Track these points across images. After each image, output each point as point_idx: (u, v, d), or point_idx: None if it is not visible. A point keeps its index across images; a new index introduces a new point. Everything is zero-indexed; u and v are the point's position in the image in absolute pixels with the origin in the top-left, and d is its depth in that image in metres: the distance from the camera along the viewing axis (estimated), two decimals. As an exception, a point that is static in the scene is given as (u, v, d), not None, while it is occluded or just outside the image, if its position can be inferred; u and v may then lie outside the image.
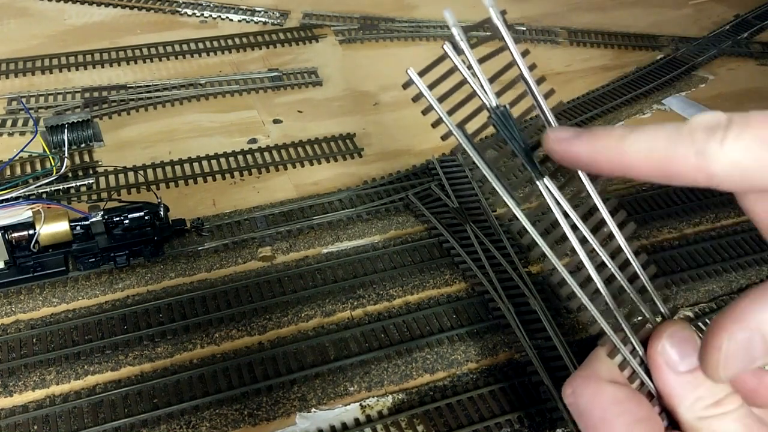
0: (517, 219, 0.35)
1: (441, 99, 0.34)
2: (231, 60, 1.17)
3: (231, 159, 0.94)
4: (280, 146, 0.97)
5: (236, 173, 0.92)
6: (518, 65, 0.35)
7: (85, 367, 0.67)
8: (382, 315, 0.73)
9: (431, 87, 0.34)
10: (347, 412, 0.64)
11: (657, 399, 0.35)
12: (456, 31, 0.34)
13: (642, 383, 0.36)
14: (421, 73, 0.34)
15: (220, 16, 1.29)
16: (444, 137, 0.35)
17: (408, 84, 0.34)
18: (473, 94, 0.35)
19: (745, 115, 0.28)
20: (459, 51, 0.34)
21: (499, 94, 0.35)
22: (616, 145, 0.30)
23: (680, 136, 0.29)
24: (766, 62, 1.24)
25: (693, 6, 1.43)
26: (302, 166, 0.94)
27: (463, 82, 0.35)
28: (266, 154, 0.95)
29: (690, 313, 0.76)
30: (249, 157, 0.95)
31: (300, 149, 0.97)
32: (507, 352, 0.70)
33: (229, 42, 1.21)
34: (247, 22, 1.29)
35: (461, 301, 0.75)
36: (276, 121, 1.03)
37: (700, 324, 0.74)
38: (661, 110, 1.10)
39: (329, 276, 0.77)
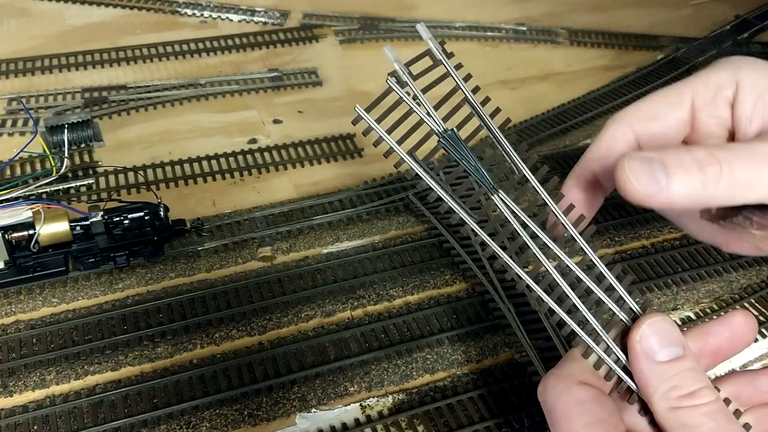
0: (477, 235, 0.37)
1: (391, 129, 0.36)
2: (231, 60, 1.17)
3: (231, 159, 0.94)
4: (280, 146, 0.97)
5: (236, 173, 0.92)
6: (462, 89, 0.37)
7: (85, 367, 0.67)
8: (383, 315, 0.73)
9: (381, 119, 0.36)
10: (347, 412, 0.64)
11: (637, 394, 0.36)
12: (397, 66, 0.36)
13: (620, 380, 0.36)
14: (368, 108, 0.36)
15: (220, 16, 1.29)
16: (396, 165, 0.37)
17: (357, 120, 0.36)
18: (421, 122, 0.36)
19: None
20: (402, 84, 0.36)
21: (447, 118, 0.37)
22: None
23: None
24: (766, 62, 1.24)
25: (693, 6, 1.43)
26: (302, 166, 0.94)
27: (411, 111, 0.36)
28: (266, 154, 0.95)
29: (690, 314, 0.75)
30: (249, 157, 0.95)
31: (300, 149, 0.97)
32: (507, 352, 0.70)
33: (229, 42, 1.21)
34: (247, 22, 1.29)
35: (461, 301, 0.75)
36: (276, 121, 1.03)
37: (700, 324, 0.74)
38: (661, 110, 1.10)
39: (329, 276, 0.77)
